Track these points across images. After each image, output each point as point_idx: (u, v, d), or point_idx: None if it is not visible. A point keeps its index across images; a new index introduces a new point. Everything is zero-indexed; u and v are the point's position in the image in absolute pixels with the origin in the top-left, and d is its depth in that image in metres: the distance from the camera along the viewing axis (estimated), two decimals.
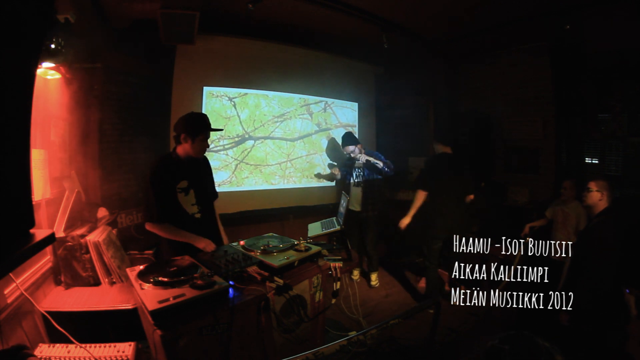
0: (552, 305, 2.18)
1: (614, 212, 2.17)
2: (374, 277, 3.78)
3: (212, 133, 2.11)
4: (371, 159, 3.52)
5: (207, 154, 3.46)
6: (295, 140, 4.26)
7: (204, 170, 2.26)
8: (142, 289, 1.44)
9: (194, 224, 2.06)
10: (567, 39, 3.57)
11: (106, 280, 2.05)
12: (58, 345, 1.54)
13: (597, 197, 2.21)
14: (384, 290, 3.69)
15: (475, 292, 3.59)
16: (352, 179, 3.70)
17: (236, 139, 3.86)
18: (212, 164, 3.56)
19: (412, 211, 3.26)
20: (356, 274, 3.85)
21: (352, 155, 3.65)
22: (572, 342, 1.68)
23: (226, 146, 3.80)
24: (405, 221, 3.28)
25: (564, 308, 2.14)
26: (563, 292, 2.34)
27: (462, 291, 3.52)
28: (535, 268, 3.31)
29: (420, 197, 3.24)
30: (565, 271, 2.41)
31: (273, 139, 4.10)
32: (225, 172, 3.79)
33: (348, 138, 3.66)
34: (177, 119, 2.05)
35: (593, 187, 2.23)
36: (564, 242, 2.97)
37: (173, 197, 2.01)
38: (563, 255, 2.62)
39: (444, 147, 3.26)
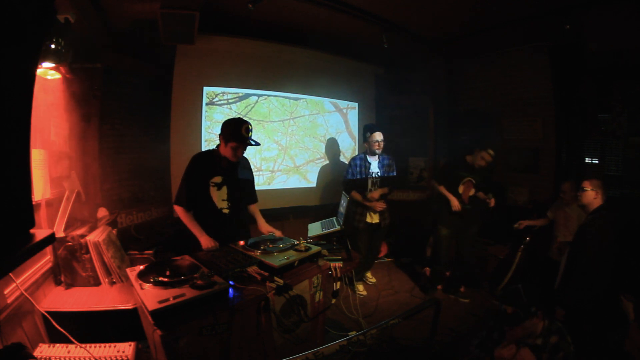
0: (550, 302, 2.19)
1: (608, 209, 2.19)
2: (369, 274, 3.84)
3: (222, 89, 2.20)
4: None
5: (210, 108, 3.43)
6: (298, 99, 4.29)
7: (242, 171, 2.32)
8: (142, 289, 1.44)
9: (219, 218, 2.17)
10: (567, 39, 3.56)
11: (106, 280, 2.05)
12: (58, 345, 1.54)
13: (591, 195, 2.25)
14: (384, 290, 3.69)
15: (475, 291, 3.60)
16: (368, 186, 3.40)
17: (240, 94, 3.87)
18: (215, 117, 3.67)
19: None
20: (362, 289, 3.61)
21: (376, 147, 3.30)
22: (571, 342, 1.68)
23: (230, 100, 3.81)
24: None
25: (560, 305, 2.16)
26: (559, 290, 2.36)
27: (462, 291, 3.54)
28: (534, 268, 3.33)
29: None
30: (562, 269, 2.42)
31: (277, 97, 4.12)
32: None
33: (372, 125, 3.51)
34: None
35: (587, 186, 2.28)
36: (563, 241, 2.99)
37: (205, 189, 2.13)
38: (562, 254, 2.63)
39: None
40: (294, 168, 4.27)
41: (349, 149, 4.72)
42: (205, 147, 3.59)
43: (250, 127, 2.10)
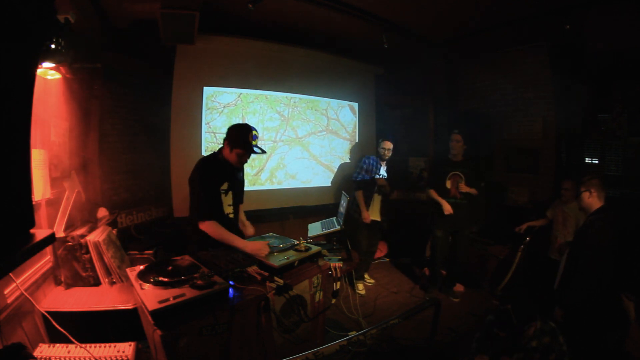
0: (550, 303, 2.19)
1: (609, 210, 2.18)
2: (367, 275, 3.87)
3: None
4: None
5: None
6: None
7: (240, 174, 2.31)
8: (142, 289, 1.44)
9: (227, 224, 2.09)
10: (567, 39, 3.56)
11: (106, 280, 2.06)
12: (58, 345, 1.54)
13: (586, 196, 2.23)
14: (383, 290, 3.70)
15: (474, 291, 3.60)
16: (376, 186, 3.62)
17: None
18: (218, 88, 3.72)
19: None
20: (361, 288, 3.65)
21: (385, 154, 3.59)
22: (571, 342, 1.68)
23: None
24: None
25: (559, 305, 2.16)
26: (559, 290, 2.36)
27: (461, 290, 3.55)
28: (534, 267, 3.33)
29: None
30: (562, 269, 2.42)
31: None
32: (230, 95, 3.77)
33: (386, 134, 3.72)
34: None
35: (582, 188, 2.27)
36: (563, 242, 2.99)
37: (217, 197, 2.08)
38: (562, 254, 2.62)
39: None
40: (296, 139, 4.25)
41: (350, 124, 4.71)
42: (205, 145, 3.59)
43: (256, 134, 2.09)
